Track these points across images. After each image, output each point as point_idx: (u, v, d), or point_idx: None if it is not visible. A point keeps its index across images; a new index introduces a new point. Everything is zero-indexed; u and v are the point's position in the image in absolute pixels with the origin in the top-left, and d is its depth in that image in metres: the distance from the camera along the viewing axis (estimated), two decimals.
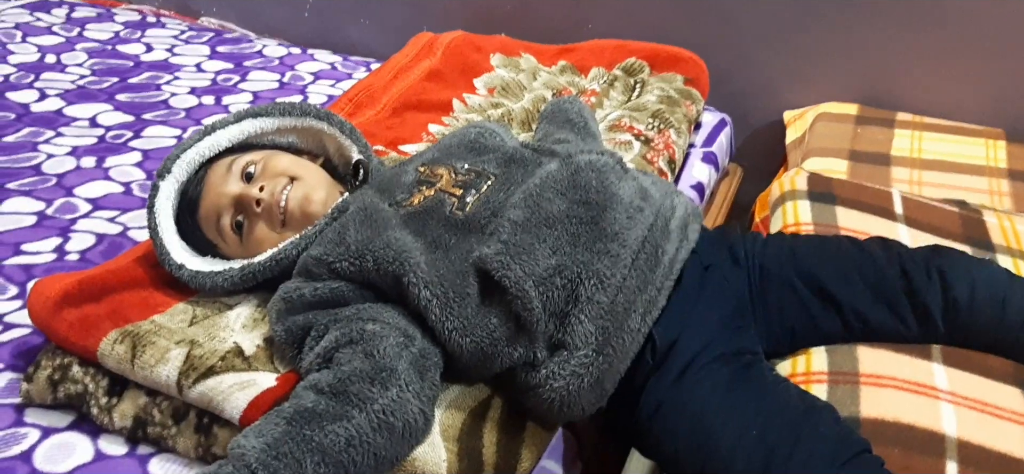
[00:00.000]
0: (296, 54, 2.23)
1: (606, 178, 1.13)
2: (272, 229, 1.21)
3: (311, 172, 1.25)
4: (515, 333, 1.04)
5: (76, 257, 1.42)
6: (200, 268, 1.20)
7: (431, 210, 1.14)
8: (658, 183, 1.20)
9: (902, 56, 1.89)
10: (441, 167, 1.23)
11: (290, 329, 1.09)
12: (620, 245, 1.06)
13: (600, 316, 1.03)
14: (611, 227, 1.08)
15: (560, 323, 1.04)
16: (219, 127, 1.27)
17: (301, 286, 1.11)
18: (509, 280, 1.03)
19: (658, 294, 1.08)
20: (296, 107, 1.31)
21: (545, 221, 1.08)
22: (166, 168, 1.23)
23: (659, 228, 1.11)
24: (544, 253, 1.05)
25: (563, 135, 1.45)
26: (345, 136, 1.31)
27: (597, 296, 1.03)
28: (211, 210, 1.22)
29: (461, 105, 1.76)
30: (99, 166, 1.66)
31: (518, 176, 1.18)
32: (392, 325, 1.05)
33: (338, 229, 1.13)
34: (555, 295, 1.04)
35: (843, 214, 1.36)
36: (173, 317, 1.17)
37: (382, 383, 0.97)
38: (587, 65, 1.90)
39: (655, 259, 1.08)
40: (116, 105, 1.89)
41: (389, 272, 1.07)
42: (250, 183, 1.21)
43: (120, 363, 1.10)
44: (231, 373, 1.08)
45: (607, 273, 1.04)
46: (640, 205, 1.12)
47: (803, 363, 1.10)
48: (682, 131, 1.69)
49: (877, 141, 1.75)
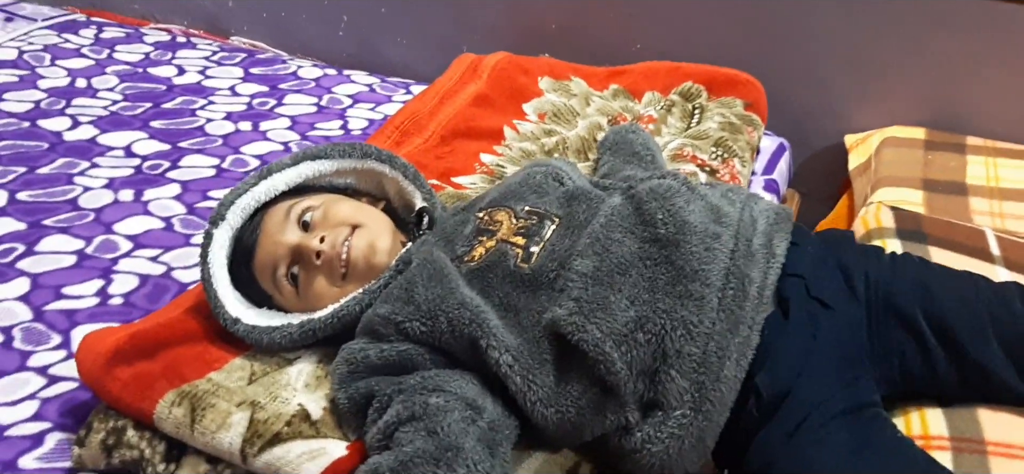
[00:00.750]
0: (332, 75, 2.16)
1: (673, 204, 1.04)
2: (332, 283, 1.13)
3: (374, 219, 1.18)
4: (602, 399, 0.96)
5: (120, 301, 1.35)
6: (256, 323, 1.12)
7: (495, 265, 1.06)
8: (732, 193, 1.11)
9: (970, 76, 1.81)
10: (500, 211, 1.14)
11: (353, 397, 1.01)
12: (703, 284, 0.97)
13: (693, 370, 0.94)
14: (689, 264, 0.98)
15: (650, 381, 0.96)
16: (276, 170, 1.20)
17: (366, 347, 1.04)
18: (587, 343, 0.94)
19: (751, 332, 0.98)
20: (356, 149, 1.24)
21: (617, 267, 0.99)
22: (220, 215, 1.15)
23: (742, 253, 1.01)
24: (620, 305, 0.96)
25: (631, 171, 1.37)
26: (408, 180, 1.23)
27: (686, 348, 0.94)
28: (267, 260, 1.14)
29: (512, 133, 1.68)
30: (137, 199, 1.59)
31: (581, 215, 1.09)
32: (458, 396, 0.97)
33: (404, 286, 1.05)
34: (639, 352, 0.95)
35: (937, 255, 1.28)
36: (230, 374, 1.10)
37: (447, 465, 0.88)
38: (640, 89, 1.82)
39: (743, 293, 0.98)
40: (151, 133, 1.83)
41: (465, 334, 0.99)
42: (309, 232, 1.13)
43: (178, 427, 1.03)
44: (299, 440, 1.00)
45: (693, 320, 0.95)
46: (716, 231, 1.02)
47: (918, 423, 1.02)
48: (746, 159, 1.62)
49: (950, 168, 1.67)
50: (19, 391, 1.17)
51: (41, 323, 1.29)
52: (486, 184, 1.51)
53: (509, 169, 1.56)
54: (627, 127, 1.54)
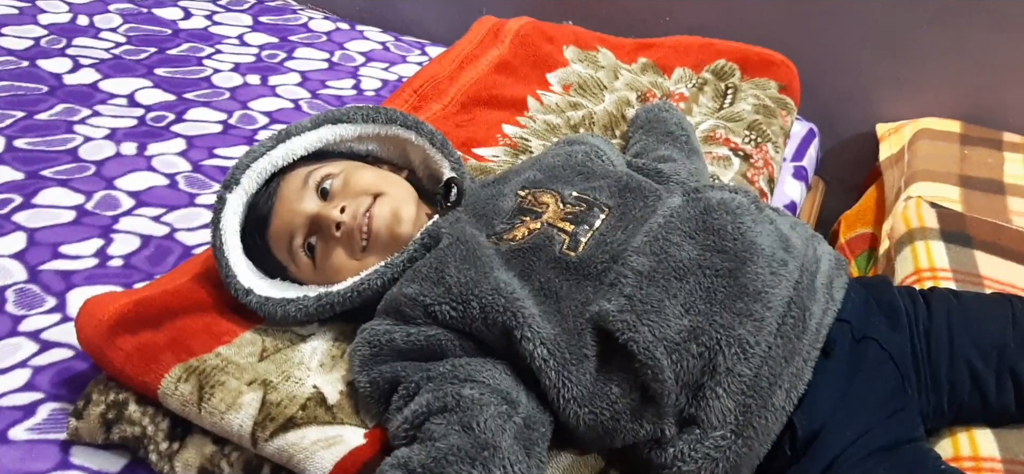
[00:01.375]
0: (345, 30, 2.07)
1: (742, 222, 0.98)
2: (352, 255, 1.06)
3: (397, 187, 1.10)
4: (640, 406, 0.89)
5: (120, 263, 1.28)
6: (270, 295, 1.05)
7: (538, 248, 0.99)
8: (797, 227, 1.05)
9: (1009, 70, 1.74)
10: (545, 193, 1.08)
11: (375, 382, 0.95)
12: (764, 306, 0.92)
13: (742, 391, 0.88)
14: (753, 283, 0.93)
15: (693, 396, 0.90)
16: (294, 133, 1.12)
17: (391, 329, 0.97)
18: (637, 344, 0.88)
19: (804, 366, 0.93)
20: (380, 113, 1.15)
21: (674, 271, 0.94)
22: (234, 178, 1.08)
23: (805, 286, 0.96)
24: (675, 311, 0.91)
25: (666, 151, 1.30)
26: (435, 149, 1.15)
27: (738, 367, 0.89)
28: (283, 229, 1.07)
29: (536, 104, 1.61)
30: (141, 153, 1.51)
31: (636, 209, 1.03)
32: (492, 388, 0.90)
33: (434, 265, 0.99)
34: (690, 364, 0.89)
35: (984, 261, 1.22)
36: (240, 349, 1.03)
37: (483, 465, 0.82)
38: (670, 64, 1.74)
39: (802, 324, 0.93)
40: (155, 81, 1.74)
41: (499, 323, 0.93)
42: (328, 201, 1.06)
43: (185, 405, 0.96)
44: (314, 426, 0.94)
45: (751, 340, 0.89)
46: (784, 258, 0.97)
47: (967, 444, 0.96)
48: (779, 145, 1.55)
49: (987, 165, 1.61)
50: (9, 358, 1.10)
51: (36, 284, 1.21)
52: (509, 158, 1.44)
53: (533, 143, 1.48)
54: (660, 105, 1.46)
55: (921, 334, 1.00)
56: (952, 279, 1.19)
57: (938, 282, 1.20)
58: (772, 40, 1.78)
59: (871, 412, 0.93)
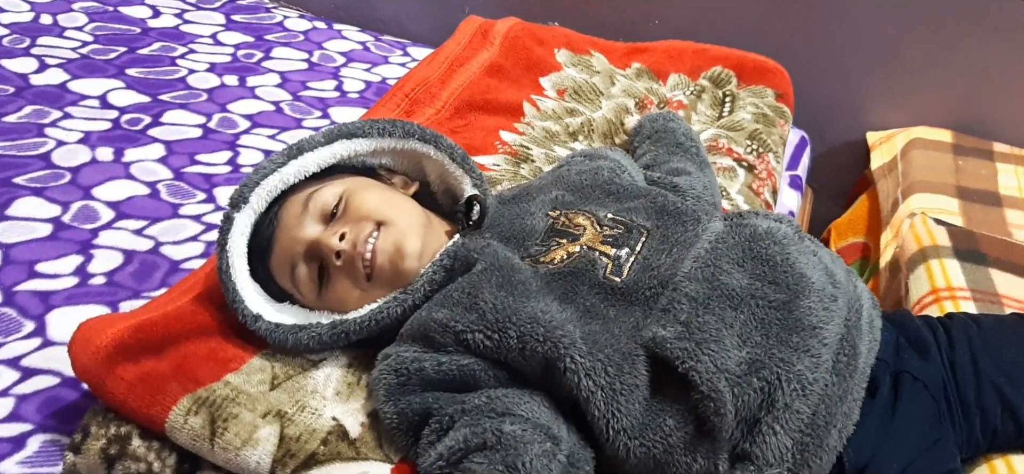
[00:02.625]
0: (322, 29, 2.00)
1: (789, 253, 0.95)
2: (355, 285, 0.99)
3: (403, 213, 1.02)
4: (696, 440, 0.85)
5: (102, 280, 1.20)
6: (280, 321, 0.99)
7: (580, 273, 0.95)
8: (837, 261, 1.02)
9: (1000, 80, 1.75)
10: (579, 215, 1.03)
11: (404, 413, 0.89)
12: (821, 342, 0.88)
13: (800, 429, 0.85)
14: (808, 318, 0.90)
15: (748, 431, 0.86)
16: (306, 149, 1.04)
17: (421, 357, 0.91)
18: (699, 374, 0.84)
19: (854, 405, 0.90)
20: (397, 127, 1.09)
21: (728, 300, 0.90)
22: (242, 196, 1.00)
23: (853, 323, 0.93)
24: (732, 342, 0.87)
25: (678, 163, 1.27)
26: (455, 164, 1.09)
27: (797, 404, 0.85)
28: (284, 257, 1.00)
29: (533, 110, 1.56)
30: (118, 159, 1.43)
31: (677, 233, 0.99)
32: (533, 424, 0.85)
33: (467, 290, 0.93)
34: (750, 398, 0.85)
35: (1000, 279, 1.21)
36: (250, 377, 0.96)
37: None
38: (664, 70, 1.71)
39: (854, 362, 0.91)
40: (128, 82, 1.65)
41: (538, 353, 0.87)
42: (329, 227, 0.99)
43: (196, 440, 0.90)
44: (338, 462, 0.88)
45: (809, 376, 0.86)
46: (833, 293, 0.94)
47: (1004, 469, 0.95)
48: (779, 155, 1.53)
49: (981, 177, 1.61)
50: None
51: (11, 308, 1.13)
52: (510, 166, 1.39)
53: (534, 151, 1.44)
54: (666, 114, 1.43)
55: (947, 363, 0.98)
56: (970, 299, 1.18)
57: (957, 302, 1.19)
58: (761, 45, 1.76)
59: (913, 444, 0.92)
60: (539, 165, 1.40)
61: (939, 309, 1.17)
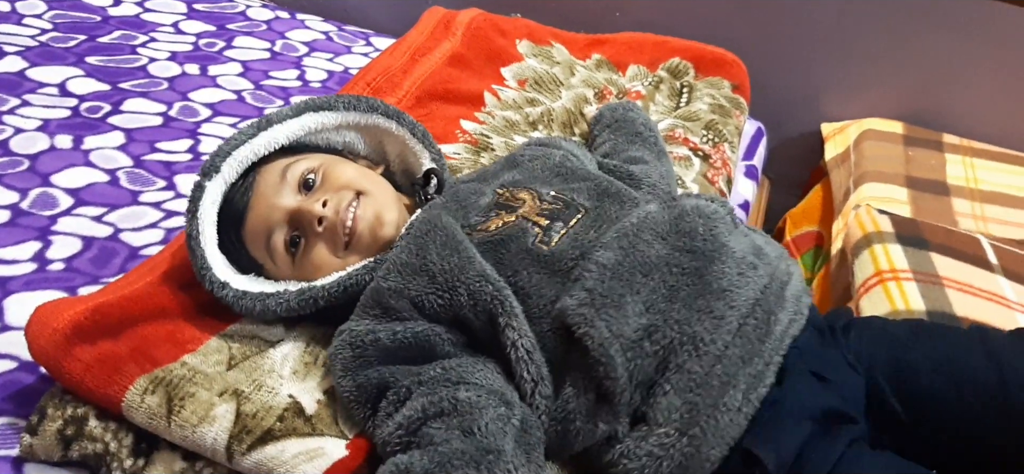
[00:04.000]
0: (285, 19, 2.00)
1: (715, 226, 0.97)
2: (334, 253, 1.02)
3: (379, 187, 1.07)
4: (595, 406, 0.87)
5: (61, 266, 1.19)
6: (248, 288, 1.00)
7: (510, 239, 0.97)
8: (771, 244, 1.04)
9: (950, 74, 1.80)
10: (523, 191, 1.05)
11: (363, 387, 0.91)
12: (727, 304, 0.90)
13: (689, 388, 0.86)
14: (718, 281, 0.91)
15: (646, 392, 0.88)
16: (276, 121, 1.07)
17: (375, 329, 0.93)
18: (592, 340, 0.85)
19: (766, 369, 0.90)
20: (362, 101, 1.12)
21: (640, 266, 0.91)
22: (214, 166, 1.02)
23: (774, 292, 0.94)
24: (635, 309, 0.88)
25: (636, 152, 1.29)
26: (416, 140, 1.12)
27: (689, 364, 0.87)
28: (260, 224, 1.02)
29: (494, 99, 1.58)
30: (77, 147, 1.43)
31: (612, 213, 1.01)
32: (488, 390, 0.87)
33: (414, 250, 0.95)
34: (644, 362, 0.87)
35: (941, 262, 1.25)
36: (207, 358, 0.98)
37: (488, 469, 0.79)
38: (624, 61, 1.74)
39: (766, 327, 0.91)
40: (87, 70, 1.64)
41: (486, 310, 0.90)
42: (310, 195, 1.02)
43: (152, 419, 0.91)
44: (293, 438, 0.90)
45: (706, 337, 0.88)
46: (754, 262, 0.95)
47: None
48: (735, 145, 1.56)
49: (930, 167, 1.65)
50: None
51: None
52: (470, 155, 1.41)
53: (494, 139, 1.46)
54: (625, 104, 1.45)
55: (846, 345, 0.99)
56: (913, 279, 1.22)
57: (900, 282, 1.22)
58: (720, 38, 1.79)
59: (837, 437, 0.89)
60: (499, 154, 1.42)
61: (883, 290, 1.21)
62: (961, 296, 1.19)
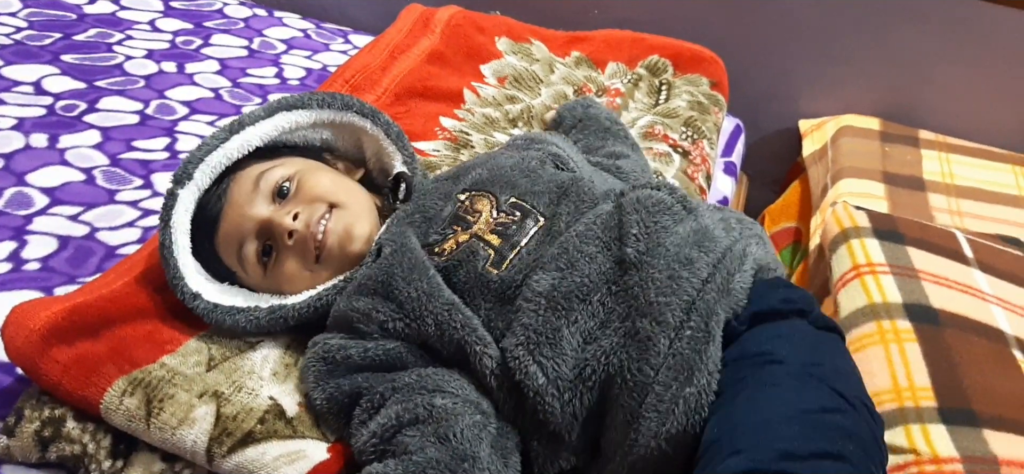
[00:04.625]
0: (263, 16, 1.98)
1: (656, 220, 0.89)
2: (304, 266, 1.00)
3: (354, 197, 1.04)
4: (552, 443, 0.86)
5: (36, 266, 1.18)
6: (219, 302, 0.99)
7: (461, 265, 0.93)
8: (726, 222, 0.97)
9: (925, 70, 1.82)
10: (483, 198, 1.00)
11: (334, 397, 0.91)
12: (653, 321, 0.81)
13: (626, 422, 0.81)
14: (644, 294, 0.83)
15: (598, 425, 0.85)
16: (248, 123, 1.06)
17: (346, 344, 0.92)
18: (528, 388, 0.83)
19: (710, 379, 0.80)
20: (337, 99, 1.11)
21: (577, 289, 0.85)
22: (186, 173, 1.01)
23: (716, 285, 0.85)
24: (573, 342, 0.83)
25: (616, 147, 1.28)
26: (390, 140, 1.11)
27: (622, 398, 0.81)
28: (232, 234, 1.01)
29: (473, 96, 1.58)
30: (53, 145, 1.41)
31: (566, 218, 0.95)
32: (463, 398, 0.86)
33: (380, 277, 0.94)
34: (587, 399, 0.83)
35: (917, 256, 1.26)
36: (186, 359, 0.97)
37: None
38: (603, 58, 1.74)
39: (704, 333, 0.81)
40: (63, 68, 1.62)
41: (454, 340, 0.89)
42: (282, 206, 1.00)
43: (131, 420, 0.90)
44: (275, 441, 0.89)
45: (632, 368, 0.81)
46: (690, 256, 0.86)
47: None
48: (714, 141, 1.57)
49: (907, 163, 1.67)
50: None
51: None
52: (450, 152, 1.41)
53: (474, 137, 1.46)
54: (584, 101, 1.41)
55: None
56: (890, 273, 1.23)
57: (877, 276, 1.23)
58: (698, 35, 1.80)
59: None
60: (478, 150, 1.42)
61: (861, 283, 1.22)
62: (937, 289, 1.21)
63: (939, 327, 1.14)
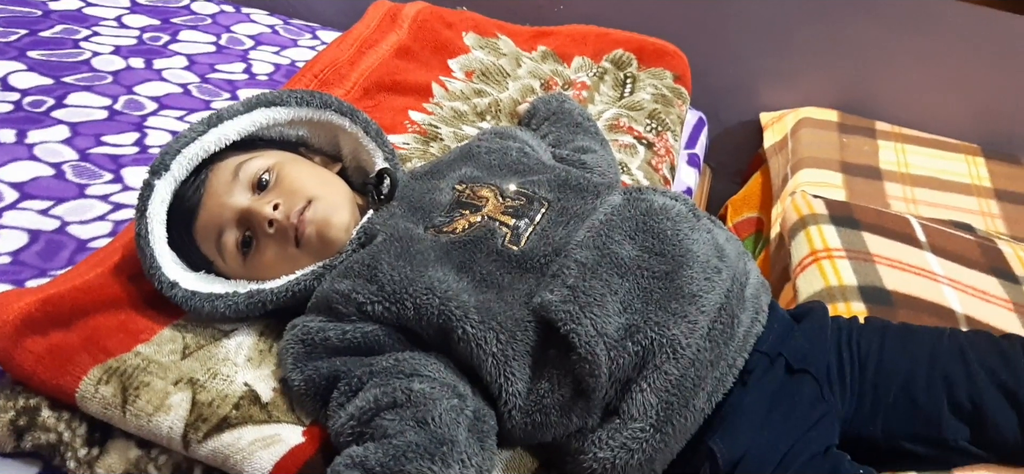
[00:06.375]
0: (230, 13, 1.99)
1: (680, 228, 0.99)
2: (283, 254, 1.02)
3: (332, 188, 1.07)
4: (571, 401, 0.89)
5: (7, 259, 1.18)
6: (197, 288, 1.01)
7: (479, 241, 0.99)
8: (731, 240, 1.06)
9: (881, 63, 1.87)
10: (484, 187, 1.07)
11: (311, 379, 0.92)
12: (698, 309, 0.92)
13: (666, 389, 0.89)
14: (688, 286, 0.93)
15: (620, 390, 0.91)
16: (226, 117, 1.07)
17: (325, 327, 0.95)
18: (578, 337, 0.88)
19: (728, 372, 0.95)
20: (315, 97, 1.12)
21: (616, 268, 0.94)
22: (163, 164, 1.02)
23: (735, 294, 0.97)
24: (614, 307, 0.91)
25: (582, 141, 1.32)
26: (370, 138, 1.13)
27: (667, 366, 0.89)
28: (211, 223, 1.02)
29: (441, 90, 1.60)
30: (21, 141, 1.41)
31: (576, 205, 1.04)
32: (441, 382, 0.89)
33: (367, 262, 0.96)
34: (624, 361, 0.89)
35: (872, 241, 1.31)
36: (161, 347, 0.98)
37: (442, 460, 0.81)
38: (568, 53, 1.77)
39: (730, 330, 0.95)
40: (29, 64, 1.62)
41: (433, 323, 0.92)
42: (262, 196, 1.02)
43: (107, 408, 0.92)
44: (250, 425, 0.91)
45: (683, 341, 0.90)
46: (717, 265, 0.97)
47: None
48: (677, 133, 1.61)
49: (864, 153, 1.72)
50: None
51: None
52: (420, 145, 1.43)
53: (443, 130, 1.48)
54: (558, 96, 1.46)
55: (846, 341, 1.03)
56: (846, 257, 1.27)
57: (833, 260, 1.28)
58: (661, 30, 1.84)
59: (793, 430, 0.94)
60: (448, 144, 1.44)
61: (818, 268, 1.26)
62: (891, 271, 1.25)
63: (892, 307, 1.19)
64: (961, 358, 1.01)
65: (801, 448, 0.93)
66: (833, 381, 1.00)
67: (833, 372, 1.01)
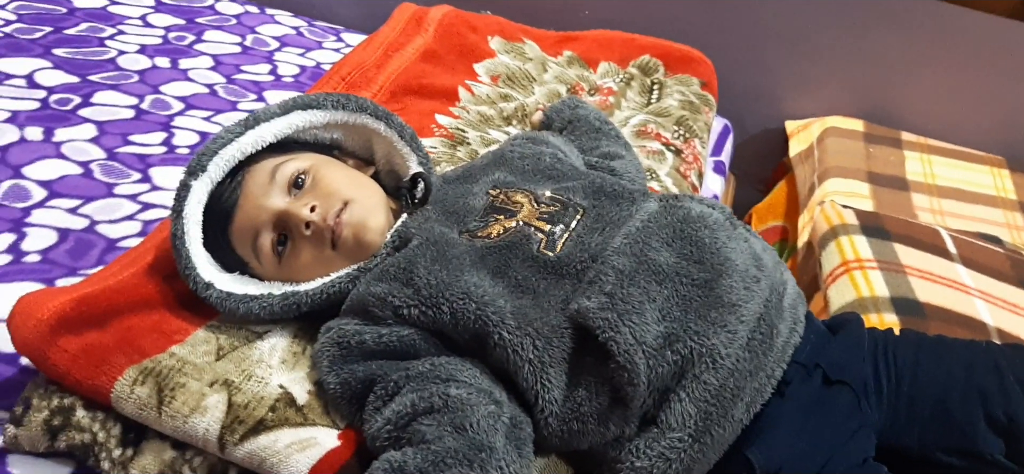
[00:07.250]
0: (254, 14, 1.99)
1: (718, 237, 0.98)
2: (319, 256, 1.01)
3: (367, 191, 1.06)
4: (608, 410, 0.89)
5: (37, 258, 1.18)
6: (232, 290, 1.00)
7: (514, 247, 0.98)
8: (768, 250, 1.06)
9: (906, 73, 1.86)
10: (518, 192, 1.06)
11: (347, 382, 0.92)
12: (738, 319, 0.92)
13: (705, 399, 0.89)
14: (728, 296, 0.93)
15: (658, 399, 0.90)
16: (263, 119, 1.06)
17: (361, 330, 0.94)
18: (617, 345, 0.87)
19: (767, 382, 0.94)
20: (351, 101, 1.11)
21: (654, 275, 0.93)
22: (200, 164, 1.01)
23: (774, 304, 0.97)
24: (653, 315, 0.90)
25: (609, 147, 1.31)
26: (404, 142, 1.12)
27: (706, 376, 0.89)
28: (248, 224, 1.02)
29: (467, 95, 1.60)
30: (48, 139, 1.41)
31: (611, 212, 1.03)
32: (477, 388, 0.88)
33: (403, 265, 0.96)
34: (663, 370, 0.88)
35: (903, 252, 1.30)
36: (195, 349, 0.98)
37: (481, 466, 0.80)
38: (594, 58, 1.76)
39: (769, 341, 0.94)
40: (55, 62, 1.62)
41: (470, 328, 0.91)
42: (299, 197, 1.02)
43: (142, 409, 0.91)
44: (286, 428, 0.90)
45: (722, 351, 0.90)
46: (756, 274, 0.97)
47: None
48: (705, 141, 1.60)
49: (891, 163, 1.71)
50: None
51: None
52: (447, 149, 1.43)
53: (470, 134, 1.47)
54: (570, 102, 1.43)
55: (882, 353, 1.02)
56: (877, 268, 1.27)
57: (865, 271, 1.27)
58: (686, 36, 1.83)
59: (830, 440, 0.94)
60: (475, 148, 1.44)
61: (850, 278, 1.25)
62: (923, 283, 1.24)
63: (925, 319, 1.18)
64: (996, 371, 1.00)
65: (838, 459, 0.92)
66: (870, 393, 1.00)
67: (869, 384, 1.00)
